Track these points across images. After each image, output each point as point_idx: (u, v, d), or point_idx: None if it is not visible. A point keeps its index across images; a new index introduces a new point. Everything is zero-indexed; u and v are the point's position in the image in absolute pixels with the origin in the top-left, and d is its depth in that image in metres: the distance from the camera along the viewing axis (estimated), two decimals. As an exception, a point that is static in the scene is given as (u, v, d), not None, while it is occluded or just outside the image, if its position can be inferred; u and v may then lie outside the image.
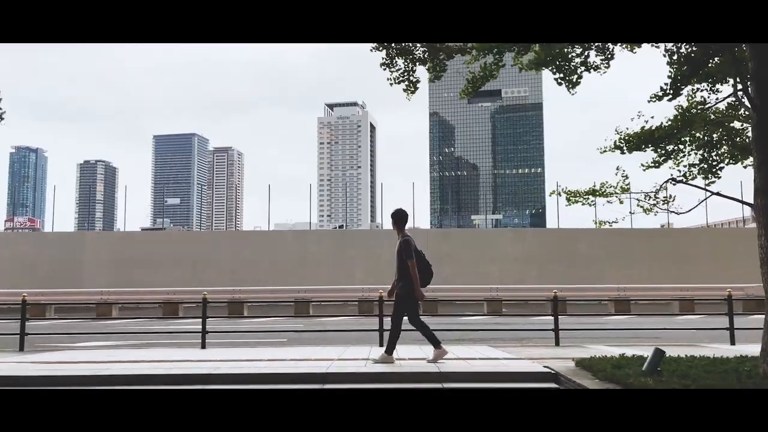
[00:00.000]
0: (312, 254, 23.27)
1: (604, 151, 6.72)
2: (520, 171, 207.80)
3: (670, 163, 6.99)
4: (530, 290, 18.49)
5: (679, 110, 6.75)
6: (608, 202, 6.38)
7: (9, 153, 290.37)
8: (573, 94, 6.87)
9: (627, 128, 6.59)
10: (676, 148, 6.59)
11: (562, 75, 6.49)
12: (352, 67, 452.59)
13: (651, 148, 6.43)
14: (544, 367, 6.38)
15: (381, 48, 6.49)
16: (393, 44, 6.29)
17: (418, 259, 7.10)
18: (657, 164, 6.69)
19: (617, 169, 6.46)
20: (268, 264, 22.30)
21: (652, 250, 23.36)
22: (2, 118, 7.75)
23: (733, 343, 9.99)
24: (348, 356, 8.18)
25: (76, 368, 6.67)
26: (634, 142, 6.34)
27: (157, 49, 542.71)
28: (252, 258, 22.52)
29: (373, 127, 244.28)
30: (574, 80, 6.30)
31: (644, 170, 6.81)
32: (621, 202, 6.35)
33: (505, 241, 25.20)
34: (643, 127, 6.40)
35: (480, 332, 13.02)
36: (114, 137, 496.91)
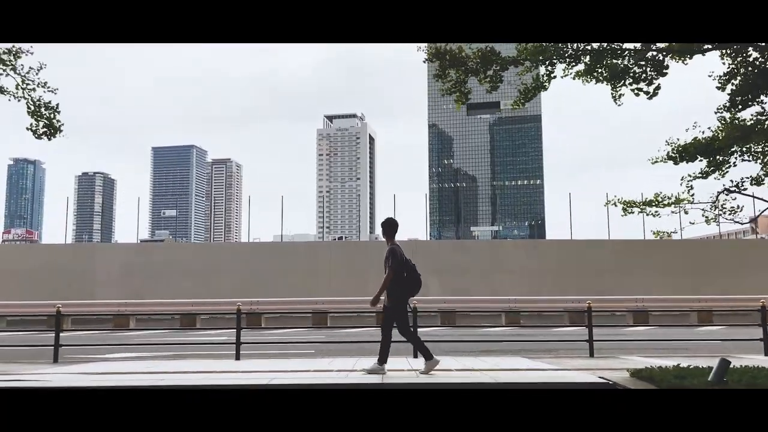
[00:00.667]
0: (324, 265, 23.21)
1: (656, 161, 6.77)
2: (518, 182, 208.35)
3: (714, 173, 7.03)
4: (548, 301, 18.46)
5: (723, 122, 6.79)
6: (673, 212, 6.43)
7: (7, 165, 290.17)
8: (619, 105, 6.92)
9: (678, 139, 6.64)
10: (724, 159, 6.63)
11: (611, 85, 6.54)
12: (352, 79, 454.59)
13: (704, 158, 6.47)
14: (600, 377, 6.36)
15: (434, 60, 6.54)
16: (447, 56, 6.32)
17: (405, 268, 7.10)
18: (705, 175, 6.73)
19: (682, 179, 6.50)
20: (280, 275, 22.24)
21: (664, 260, 23.35)
22: (60, 130, 7.67)
23: (767, 353, 9.97)
24: (390, 367, 8.15)
25: (125, 379, 6.63)
26: (689, 151, 6.37)
27: (156, 62, 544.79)
28: (265, 269, 22.45)
29: (372, 139, 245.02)
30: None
31: (690, 180, 6.85)
32: (686, 212, 6.39)
33: (518, 253, 25.21)
34: (696, 138, 6.45)
35: (505, 343, 12.98)
36: (112, 150, 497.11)
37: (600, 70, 6.69)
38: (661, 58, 6.45)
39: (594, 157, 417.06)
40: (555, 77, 6.82)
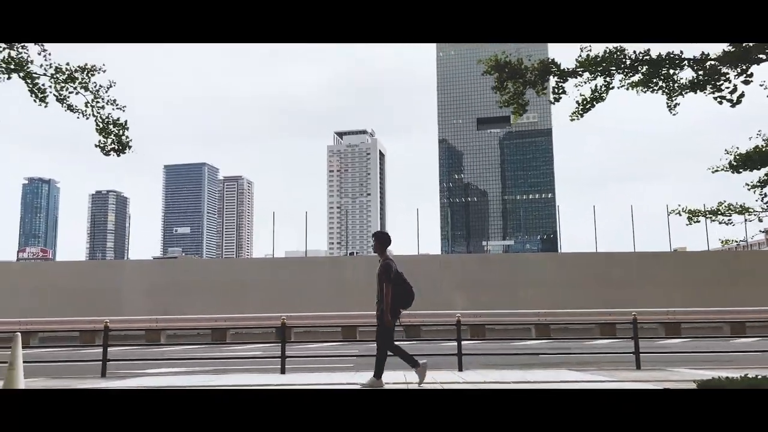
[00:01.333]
0: (349, 280, 23.21)
1: (717, 170, 6.79)
2: (530, 196, 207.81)
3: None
4: (578, 314, 18.32)
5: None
6: (747, 220, 6.43)
7: (22, 184, 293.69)
8: (674, 114, 6.95)
9: (737, 147, 6.65)
10: (783, 167, 6.62)
11: (667, 94, 6.57)
12: (361, 96, 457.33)
13: (764, 167, 6.46)
14: (665, 390, 6.30)
15: (493, 72, 6.61)
16: (506, 69, 6.39)
17: (399, 282, 7.12)
18: (765, 183, 6.72)
19: (752, 188, 6.49)
20: (306, 290, 22.27)
21: (688, 272, 23.19)
22: (129, 146, 7.76)
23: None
24: (441, 379, 8.13)
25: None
26: (753, 159, 6.36)
27: (166, 80, 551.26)
28: (291, 284, 22.51)
29: (382, 155, 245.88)
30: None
31: (749, 189, 6.84)
32: (760, 220, 6.38)
33: (541, 266, 25.12)
34: (757, 146, 6.45)
35: (542, 357, 12.90)
36: (125, 168, 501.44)
37: (655, 81, 6.76)
38: (718, 66, 6.50)
39: (606, 169, 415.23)
40: (613, 88, 6.89)
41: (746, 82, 6.31)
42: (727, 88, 6.32)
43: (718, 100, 6.40)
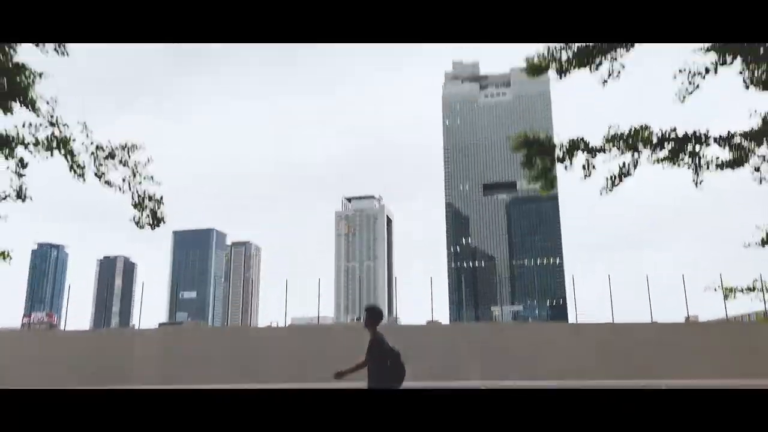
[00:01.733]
0: (363, 349, 22.81)
1: (748, 245, 6.79)
2: (537, 262, 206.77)
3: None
4: (598, 386, 17.79)
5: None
6: None
7: (32, 250, 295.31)
8: (699, 189, 7.03)
9: (771, 221, 6.68)
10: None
11: (694, 170, 6.68)
12: (369, 162, 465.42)
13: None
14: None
15: (521, 149, 6.76)
16: (534, 145, 6.55)
17: (390, 356, 6.96)
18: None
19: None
20: (323, 358, 21.87)
21: (711, 343, 22.68)
22: (164, 221, 7.80)
23: None
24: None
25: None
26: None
27: (174, 144, 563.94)
28: (307, 352, 22.13)
29: (389, 220, 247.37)
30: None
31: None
32: None
33: (558, 335, 24.66)
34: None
35: None
36: (134, 234, 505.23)
37: (681, 156, 6.87)
38: (745, 144, 6.62)
39: (614, 236, 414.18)
40: (639, 164, 7.00)
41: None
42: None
43: (758, 181, 6.48)
